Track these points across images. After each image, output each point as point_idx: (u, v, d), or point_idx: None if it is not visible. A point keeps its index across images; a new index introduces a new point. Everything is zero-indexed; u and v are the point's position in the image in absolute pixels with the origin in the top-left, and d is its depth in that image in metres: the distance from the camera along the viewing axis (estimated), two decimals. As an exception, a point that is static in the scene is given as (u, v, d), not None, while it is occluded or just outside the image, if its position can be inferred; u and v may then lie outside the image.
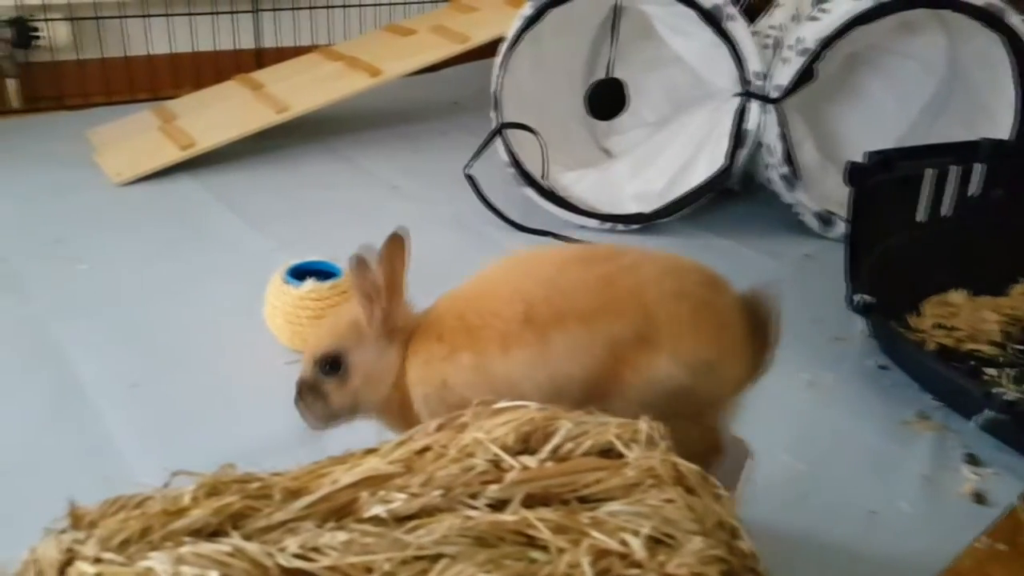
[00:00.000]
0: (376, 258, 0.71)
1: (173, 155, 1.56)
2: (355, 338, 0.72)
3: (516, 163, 1.41)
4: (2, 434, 0.86)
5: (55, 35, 1.83)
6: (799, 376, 1.04)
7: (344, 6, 2.20)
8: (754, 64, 1.34)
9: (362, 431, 0.87)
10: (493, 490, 0.50)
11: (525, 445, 0.54)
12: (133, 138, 1.66)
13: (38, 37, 1.80)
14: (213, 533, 0.48)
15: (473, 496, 0.50)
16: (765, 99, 1.35)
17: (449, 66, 2.00)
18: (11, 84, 1.81)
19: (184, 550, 0.45)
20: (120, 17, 1.91)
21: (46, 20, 1.80)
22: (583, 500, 0.51)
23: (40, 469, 0.81)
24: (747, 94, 1.35)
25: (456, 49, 1.78)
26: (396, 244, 0.73)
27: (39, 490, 0.78)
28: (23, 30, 1.77)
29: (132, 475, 0.81)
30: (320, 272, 1.02)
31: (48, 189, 1.46)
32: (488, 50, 1.68)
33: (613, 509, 0.50)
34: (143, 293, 1.15)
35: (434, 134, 1.86)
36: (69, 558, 0.45)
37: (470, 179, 1.42)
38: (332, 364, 0.72)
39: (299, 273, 1.02)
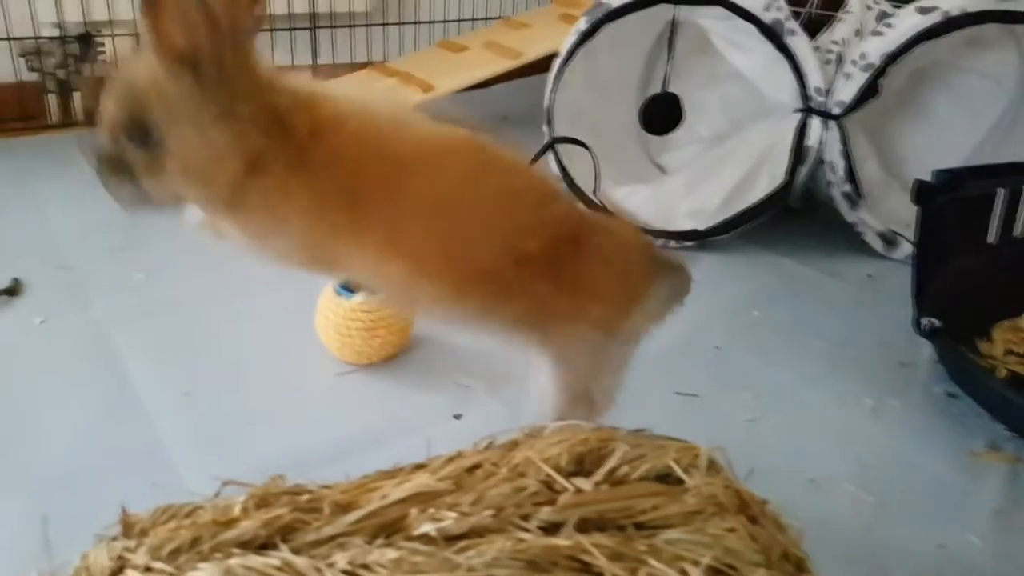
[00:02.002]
0: None
1: (230, 167, 1.59)
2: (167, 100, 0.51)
3: (567, 178, 1.40)
4: (59, 438, 0.87)
5: (120, 51, 1.89)
6: (863, 402, 1.00)
7: (399, 23, 2.23)
8: (815, 80, 1.31)
9: (408, 445, 0.87)
10: (546, 512, 0.48)
11: (579, 467, 0.52)
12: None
13: (103, 52, 1.86)
14: (262, 545, 0.47)
15: (525, 518, 0.48)
16: (827, 115, 1.31)
17: (500, 82, 2.00)
18: (77, 98, 1.87)
19: (233, 562, 0.44)
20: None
21: (112, 36, 1.86)
22: (640, 526, 0.49)
23: (94, 474, 0.82)
24: (808, 110, 1.32)
25: (508, 65, 1.78)
26: None
27: (92, 494, 0.79)
28: (89, 46, 1.83)
29: (183, 483, 0.81)
30: (371, 284, 1.03)
31: (110, 199, 1.50)
32: (538, 66, 1.67)
33: (672, 537, 0.48)
34: (198, 302, 1.16)
35: (485, 150, 1.86)
36: (120, 566, 0.45)
37: (521, 194, 1.41)
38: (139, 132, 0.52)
39: (350, 285, 1.02)
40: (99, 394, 0.95)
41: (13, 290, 1.15)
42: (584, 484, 0.50)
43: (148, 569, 0.44)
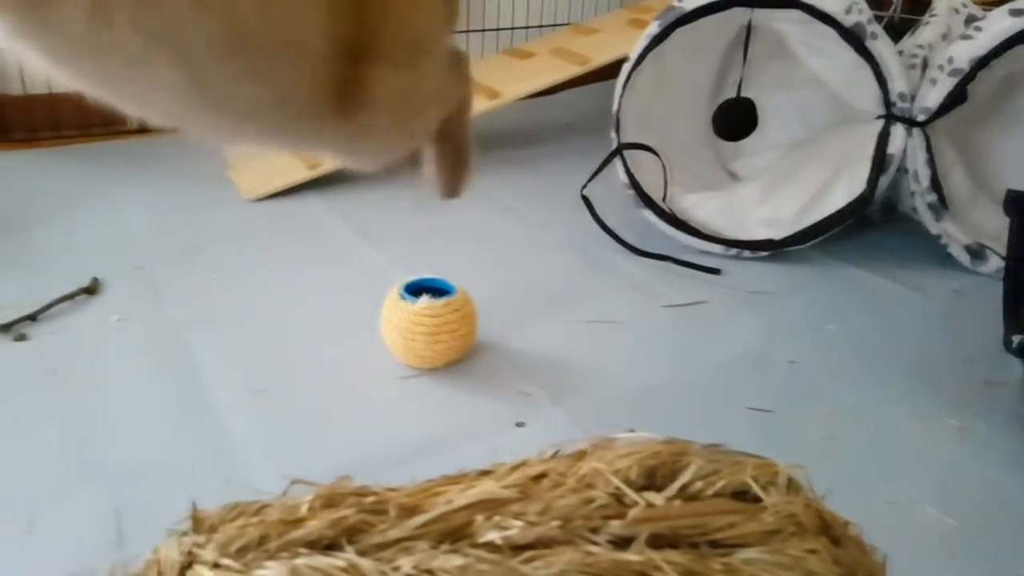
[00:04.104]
0: None
1: (301, 174, 1.62)
2: None
3: (635, 184, 1.38)
4: (132, 433, 0.90)
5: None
6: (947, 422, 0.95)
7: (467, 31, 2.24)
8: (899, 85, 1.26)
9: (471, 451, 0.86)
10: (615, 526, 0.46)
11: (650, 480, 0.50)
12: (265, 157, 1.74)
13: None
14: (328, 546, 0.47)
15: (593, 530, 0.47)
16: (911, 122, 1.26)
17: (567, 88, 1.99)
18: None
19: (300, 562, 0.44)
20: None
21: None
22: (714, 544, 0.47)
23: (165, 469, 0.84)
24: (891, 116, 1.27)
25: (575, 71, 1.77)
26: None
27: (164, 489, 0.81)
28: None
29: (251, 480, 0.82)
30: (435, 289, 1.03)
31: (186, 202, 1.55)
32: (606, 72, 1.66)
33: (749, 556, 0.45)
34: (269, 304, 1.19)
35: (549, 156, 1.86)
36: (189, 561, 0.45)
37: (586, 200, 1.40)
38: None
39: (415, 290, 1.02)
40: (172, 391, 0.97)
41: (92, 289, 1.19)
42: (656, 498, 0.48)
43: (216, 565, 0.44)
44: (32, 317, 1.10)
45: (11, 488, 0.81)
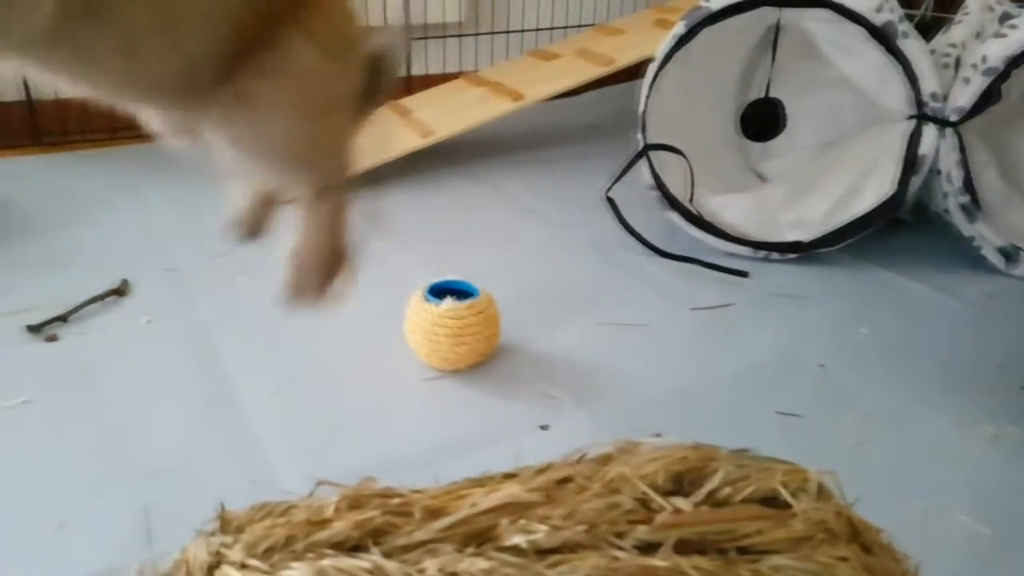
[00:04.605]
0: None
1: (326, 175, 1.63)
2: None
3: (660, 186, 1.37)
4: (161, 433, 0.91)
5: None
6: (981, 428, 0.93)
7: (491, 33, 2.25)
8: (930, 84, 1.23)
9: (495, 453, 0.86)
10: (642, 531, 0.46)
11: (677, 485, 0.50)
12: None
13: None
14: (354, 547, 0.47)
15: (619, 535, 0.46)
16: (942, 122, 1.24)
17: (591, 89, 1.98)
18: (187, 107, 1.96)
19: (326, 563, 0.44)
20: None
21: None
22: (743, 551, 0.46)
23: (194, 469, 0.85)
24: (921, 116, 1.25)
25: (600, 72, 1.76)
26: None
27: (192, 489, 0.82)
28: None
29: (276, 480, 0.82)
30: (458, 291, 1.03)
31: (214, 204, 1.56)
32: (630, 73, 1.65)
33: (777, 563, 0.45)
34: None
35: (573, 158, 1.85)
36: (217, 561, 0.46)
37: (610, 202, 1.39)
38: None
39: (438, 291, 1.02)
40: (200, 392, 0.98)
41: (122, 290, 1.20)
42: (683, 504, 0.47)
43: (244, 566, 0.45)
44: (63, 318, 1.11)
45: (42, 487, 0.82)
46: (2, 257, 1.31)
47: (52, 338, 1.08)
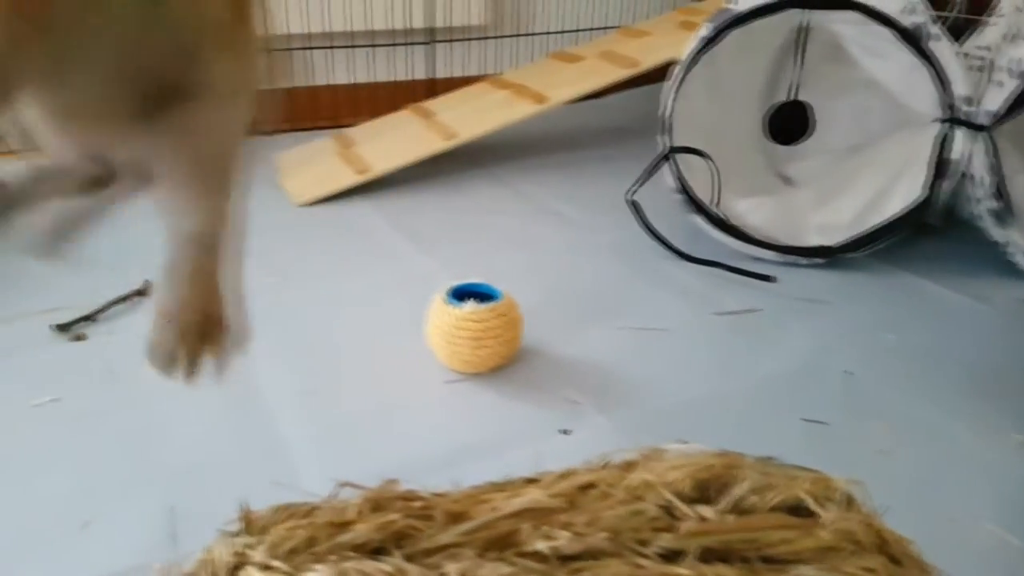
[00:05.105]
0: None
1: (350, 179, 1.64)
2: None
3: (684, 189, 1.36)
4: (186, 433, 0.91)
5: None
6: (1010, 437, 0.91)
7: (515, 35, 2.25)
8: (960, 88, 1.21)
9: (516, 457, 0.86)
10: (666, 539, 0.45)
11: (701, 493, 0.49)
12: (314, 163, 1.77)
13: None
14: (376, 550, 0.47)
15: (643, 543, 0.46)
16: (973, 126, 1.22)
17: (614, 92, 1.98)
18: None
19: (348, 565, 0.44)
20: (306, 49, 2.05)
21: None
22: (767, 560, 0.45)
23: (218, 469, 0.86)
24: (952, 120, 1.23)
25: (624, 74, 1.75)
26: None
27: (215, 489, 0.82)
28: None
29: (298, 480, 0.83)
30: (480, 294, 1.03)
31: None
32: (654, 75, 1.64)
33: (803, 573, 0.44)
34: (319, 306, 1.20)
35: (596, 160, 1.85)
36: (240, 562, 0.46)
37: (633, 205, 1.38)
38: None
39: (460, 294, 1.02)
40: (224, 393, 0.99)
41: (145, 291, 1.22)
42: (707, 512, 0.47)
43: (266, 567, 0.45)
44: (90, 318, 1.13)
45: (68, 485, 0.83)
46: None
47: (80, 337, 1.10)
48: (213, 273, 0.54)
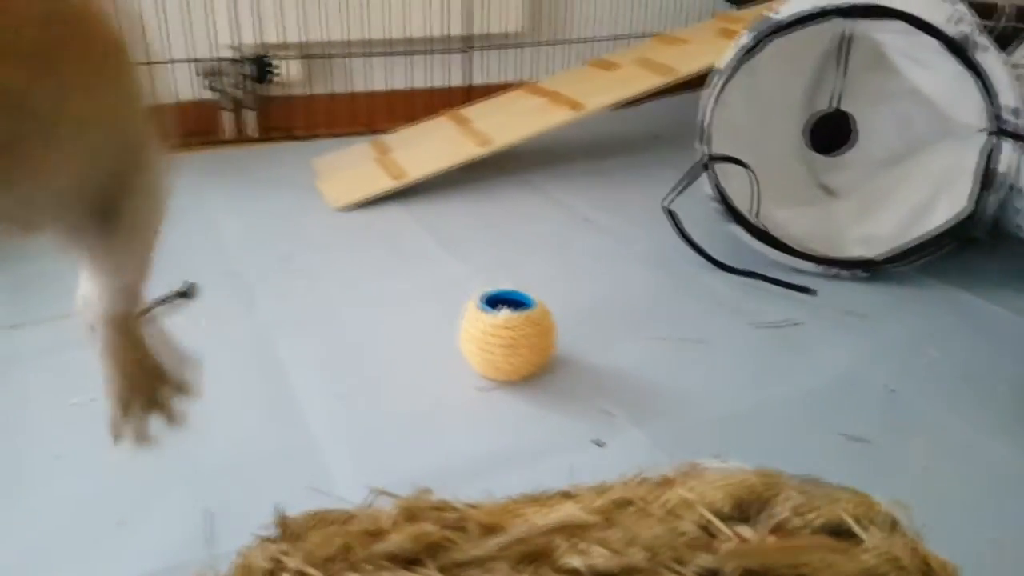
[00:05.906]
0: None
1: (386, 185, 1.66)
2: None
3: (722, 198, 1.34)
4: (222, 435, 0.92)
5: (290, 72, 2.01)
6: (1061, 460, 0.89)
7: (551, 43, 2.25)
8: (1008, 98, 1.18)
9: (549, 468, 0.85)
10: (705, 559, 0.44)
11: (741, 512, 0.48)
12: (351, 168, 1.78)
13: (275, 73, 1.99)
14: (410, 560, 0.47)
15: (680, 562, 0.45)
16: (1021, 138, 1.18)
17: (650, 100, 1.96)
18: (250, 116, 2.01)
19: (383, 575, 0.44)
20: (346, 56, 2.07)
21: (284, 58, 1.99)
22: (809, 583, 0.44)
23: (252, 472, 0.87)
24: (999, 132, 1.19)
25: (660, 82, 1.74)
26: None
27: (250, 491, 0.83)
28: (262, 67, 1.96)
29: (332, 485, 0.83)
30: (513, 302, 1.02)
31: (277, 211, 1.60)
32: (691, 83, 1.63)
33: (847, 599, 0.43)
34: (354, 310, 1.21)
35: (632, 168, 1.84)
36: (276, 568, 0.46)
37: (670, 214, 1.37)
38: None
39: (493, 301, 1.02)
40: (260, 395, 1.00)
41: (187, 293, 1.23)
42: (747, 532, 0.46)
43: (301, 574, 0.45)
44: (132, 318, 1.15)
45: (106, 484, 0.84)
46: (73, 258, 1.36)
47: (121, 338, 1.12)
48: (139, 346, 0.58)
